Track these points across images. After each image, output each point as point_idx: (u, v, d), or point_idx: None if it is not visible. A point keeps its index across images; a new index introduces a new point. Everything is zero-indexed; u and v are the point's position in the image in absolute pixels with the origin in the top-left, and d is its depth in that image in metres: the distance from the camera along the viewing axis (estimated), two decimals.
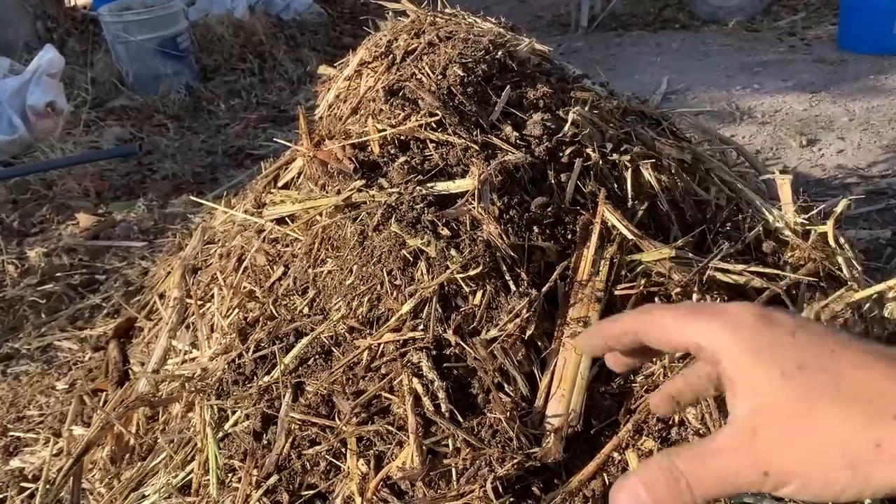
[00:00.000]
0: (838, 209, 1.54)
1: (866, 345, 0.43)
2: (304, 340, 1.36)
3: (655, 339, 0.50)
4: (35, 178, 3.50)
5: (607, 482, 1.12)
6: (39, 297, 2.57)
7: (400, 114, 1.57)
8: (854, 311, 1.38)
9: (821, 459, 0.41)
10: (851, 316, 1.36)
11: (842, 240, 1.56)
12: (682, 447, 0.46)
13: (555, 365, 1.23)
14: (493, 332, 1.24)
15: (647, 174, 1.57)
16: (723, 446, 0.44)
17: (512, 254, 1.31)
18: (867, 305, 1.45)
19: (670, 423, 1.18)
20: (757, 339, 0.44)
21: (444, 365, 1.23)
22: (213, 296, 1.78)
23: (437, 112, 1.52)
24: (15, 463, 1.80)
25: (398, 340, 1.25)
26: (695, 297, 1.31)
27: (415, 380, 1.20)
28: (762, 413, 0.43)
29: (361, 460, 1.18)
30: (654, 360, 1.25)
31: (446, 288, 1.28)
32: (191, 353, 1.72)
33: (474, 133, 1.51)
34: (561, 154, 1.52)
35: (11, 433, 1.92)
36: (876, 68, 4.14)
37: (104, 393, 1.90)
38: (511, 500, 1.10)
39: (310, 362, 1.34)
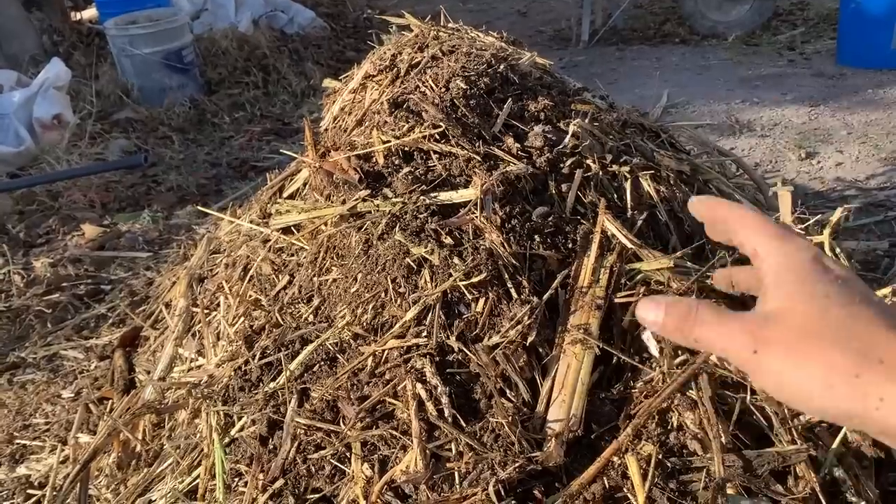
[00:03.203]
0: (834, 218, 1.56)
1: (884, 306, 0.49)
2: (310, 347, 1.39)
3: (733, 232, 0.61)
4: (41, 189, 3.54)
5: (607, 485, 1.14)
6: (45, 306, 2.60)
7: (404, 125, 1.60)
8: None
9: (807, 369, 0.48)
10: None
11: (839, 250, 1.58)
12: (710, 303, 0.56)
13: (556, 371, 1.25)
14: (496, 339, 1.26)
15: (647, 185, 1.60)
16: (737, 317, 0.53)
17: (514, 262, 1.34)
18: None
19: (669, 427, 1.20)
20: (804, 275, 0.51)
21: (447, 371, 1.25)
22: (218, 304, 1.81)
23: (441, 124, 1.55)
24: (21, 470, 1.82)
25: (402, 347, 1.27)
26: None
27: (418, 385, 1.22)
28: (780, 313, 0.50)
29: (366, 464, 1.20)
30: (654, 366, 1.27)
31: (449, 295, 1.30)
32: (197, 360, 1.74)
33: (477, 144, 1.54)
34: (562, 165, 1.55)
35: (18, 441, 1.94)
36: (874, 82, 4.18)
37: (109, 401, 1.92)
38: (513, 503, 1.12)
39: (315, 368, 1.36)
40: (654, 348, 1.30)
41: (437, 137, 1.56)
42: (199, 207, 2.54)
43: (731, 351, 0.53)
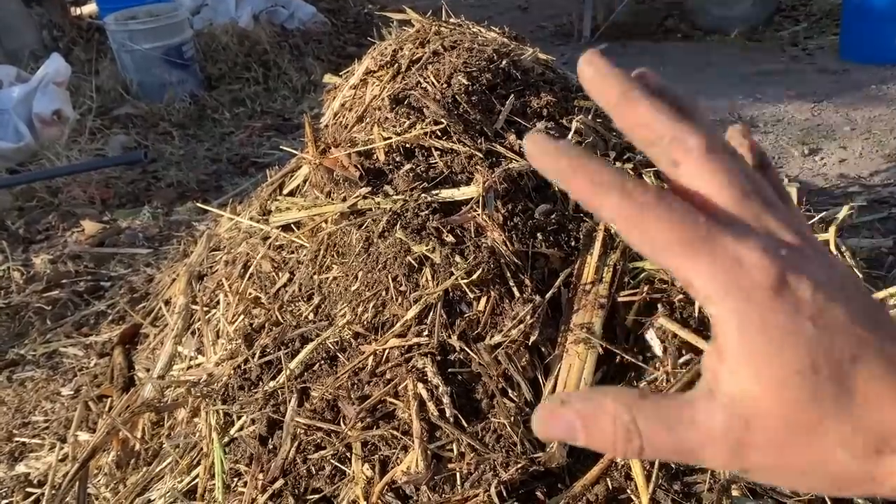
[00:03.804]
0: (840, 216, 1.54)
1: (882, 347, 0.35)
2: (310, 346, 1.37)
3: (644, 247, 0.36)
4: (41, 185, 3.52)
5: (610, 487, 1.13)
6: (45, 303, 2.58)
7: (405, 122, 1.58)
8: None
9: (810, 476, 0.36)
10: None
11: (843, 248, 1.57)
12: (648, 404, 0.37)
13: (558, 370, 1.24)
14: (498, 338, 1.25)
15: (650, 181, 1.58)
16: (702, 423, 0.36)
17: (516, 260, 1.32)
18: None
19: None
20: (773, 317, 0.34)
21: (449, 370, 1.24)
22: (218, 302, 1.79)
23: (442, 120, 1.54)
24: (20, 468, 1.81)
25: (403, 346, 1.26)
26: (697, 304, 1.32)
27: (419, 385, 1.21)
28: (759, 406, 0.35)
29: (366, 465, 1.19)
30: (658, 365, 1.26)
31: (451, 294, 1.29)
32: (196, 358, 1.73)
33: (479, 141, 1.53)
34: None
35: (17, 439, 1.93)
36: (878, 78, 4.16)
37: (109, 399, 1.91)
38: None
39: (315, 367, 1.35)
40: (657, 348, 1.29)
41: (439, 134, 1.54)
42: (199, 204, 2.53)
43: (709, 465, 0.37)
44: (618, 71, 0.40)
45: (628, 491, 1.12)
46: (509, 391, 1.22)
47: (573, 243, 1.41)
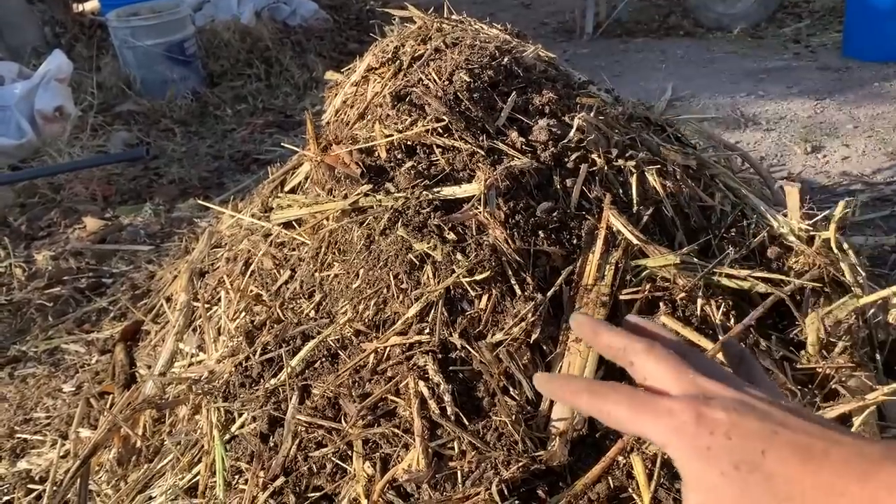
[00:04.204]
0: (838, 212, 1.54)
1: (792, 436, 0.48)
2: (311, 343, 1.37)
3: (611, 424, 0.55)
4: (43, 181, 3.52)
5: (612, 485, 1.12)
6: (47, 300, 2.58)
7: (407, 119, 1.58)
8: (858, 317, 1.38)
9: None
10: (856, 321, 1.37)
11: (846, 245, 1.56)
12: None
13: (560, 369, 1.24)
14: (499, 336, 1.24)
15: (653, 180, 1.58)
16: None
17: (517, 258, 1.32)
18: (871, 311, 1.45)
19: None
20: (698, 441, 0.49)
21: (450, 368, 1.23)
22: (219, 299, 1.79)
23: (444, 117, 1.53)
24: (22, 465, 1.81)
25: (404, 344, 1.26)
26: (699, 301, 1.32)
27: (421, 383, 1.21)
28: (710, 502, 0.49)
29: (367, 463, 1.19)
30: None
31: (452, 292, 1.29)
32: (198, 355, 1.73)
33: (480, 138, 1.52)
34: (566, 159, 1.53)
35: (18, 435, 1.93)
36: (881, 75, 4.15)
37: (110, 396, 1.91)
38: (516, 502, 1.10)
39: (316, 365, 1.34)
40: None
41: (441, 131, 1.54)
42: (201, 201, 2.52)
43: None
44: (590, 318, 0.63)
45: (630, 489, 1.12)
46: (510, 389, 1.22)
47: (575, 241, 1.40)
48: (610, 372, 1.28)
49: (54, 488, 1.58)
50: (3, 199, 3.40)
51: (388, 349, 1.28)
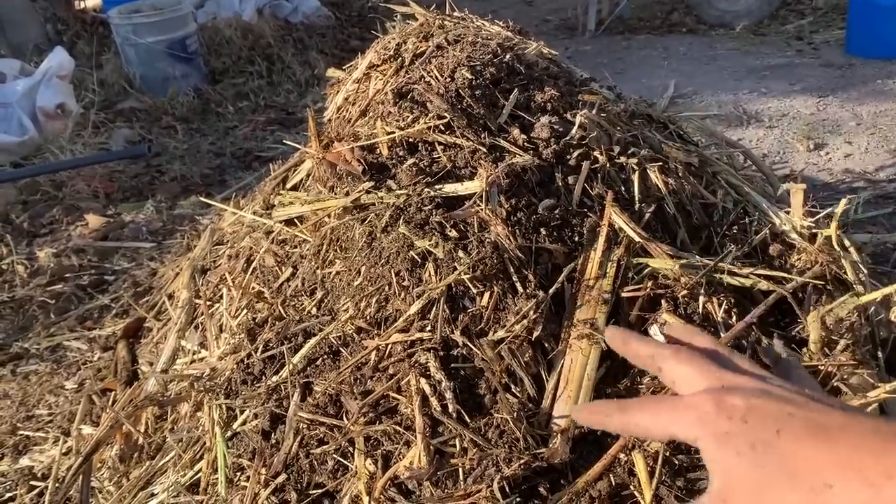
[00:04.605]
0: (839, 209, 1.54)
1: (808, 415, 0.51)
2: (313, 341, 1.37)
3: (640, 437, 0.62)
4: (45, 179, 3.53)
5: (613, 483, 1.12)
6: (49, 297, 2.59)
7: (408, 116, 1.58)
8: (860, 315, 1.38)
9: None
10: (858, 319, 1.36)
11: (847, 242, 1.56)
12: None
13: (562, 366, 1.24)
14: (501, 333, 1.24)
15: (655, 177, 1.57)
16: None
17: (519, 255, 1.32)
18: (873, 309, 1.45)
19: None
20: (717, 427, 0.53)
21: (452, 365, 1.23)
22: (221, 296, 1.79)
23: (446, 114, 1.53)
24: (24, 461, 1.82)
25: (406, 341, 1.26)
26: (701, 299, 1.32)
27: (422, 380, 1.21)
28: (730, 486, 0.52)
29: (369, 460, 1.19)
30: None
31: (454, 289, 1.29)
32: (199, 352, 1.73)
33: (482, 135, 1.52)
34: (568, 157, 1.53)
35: (21, 432, 1.93)
36: (884, 73, 4.14)
37: (113, 392, 1.92)
38: (518, 500, 1.10)
39: (318, 362, 1.34)
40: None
41: (442, 128, 1.53)
42: (202, 199, 2.52)
43: None
44: (621, 330, 0.69)
45: (631, 487, 1.11)
46: (512, 387, 1.22)
47: (577, 238, 1.40)
48: (612, 370, 1.28)
49: (56, 485, 1.58)
50: (5, 196, 3.41)
51: (389, 346, 1.28)
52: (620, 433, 0.62)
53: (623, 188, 1.53)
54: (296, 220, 1.72)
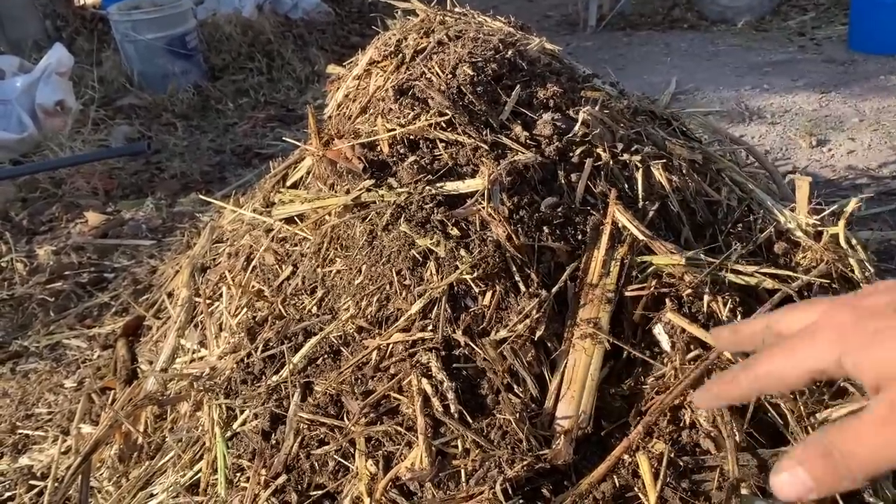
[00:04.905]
0: (848, 209, 1.52)
1: None
2: (313, 340, 1.36)
3: (777, 388, 0.51)
4: (44, 176, 3.51)
5: (617, 484, 1.11)
6: (48, 295, 2.58)
7: (409, 113, 1.56)
8: None
9: None
10: None
11: (854, 241, 1.55)
12: (830, 426, 0.45)
13: (565, 366, 1.22)
14: (503, 333, 1.23)
15: (658, 174, 1.56)
16: (871, 420, 0.43)
17: (521, 254, 1.31)
18: None
19: (681, 425, 1.17)
20: (862, 333, 0.44)
21: (454, 365, 1.22)
22: (221, 295, 1.78)
23: (447, 111, 1.52)
24: (24, 460, 1.81)
25: (407, 340, 1.25)
26: (706, 298, 1.30)
27: (424, 380, 1.20)
28: None
29: (370, 461, 1.18)
30: (666, 361, 1.25)
31: (455, 288, 1.27)
32: (199, 351, 1.72)
33: (484, 133, 1.51)
34: (571, 154, 1.52)
35: (20, 431, 1.92)
36: (887, 69, 4.12)
37: (112, 391, 1.90)
38: (520, 501, 1.09)
39: (318, 362, 1.33)
40: (666, 343, 1.27)
41: (444, 125, 1.52)
42: (202, 196, 2.51)
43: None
44: (724, 326, 0.63)
45: (636, 489, 1.10)
46: (515, 387, 1.20)
47: (580, 237, 1.39)
48: (615, 370, 1.27)
49: (56, 484, 1.57)
50: (4, 193, 3.39)
51: (390, 346, 1.27)
52: (752, 396, 0.55)
53: (626, 186, 1.52)
54: (296, 218, 1.71)
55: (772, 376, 0.50)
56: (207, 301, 1.79)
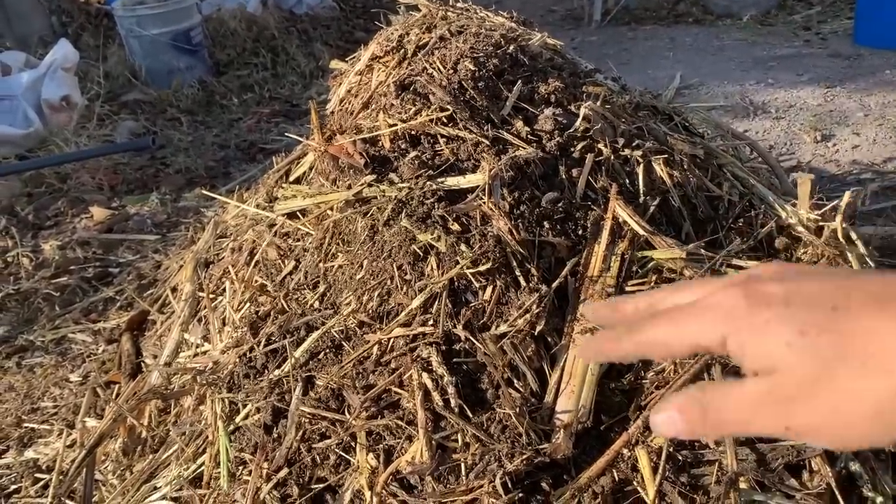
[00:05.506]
0: (843, 202, 1.52)
1: (865, 286, 0.43)
2: (315, 334, 1.37)
3: (660, 355, 0.51)
4: (50, 171, 3.53)
5: (616, 478, 1.12)
6: (54, 289, 2.59)
7: (411, 108, 1.56)
8: None
9: (846, 415, 0.42)
10: None
11: (853, 235, 1.55)
12: (712, 384, 0.49)
13: (565, 361, 1.23)
14: (503, 328, 1.23)
15: (659, 169, 1.56)
16: (749, 394, 0.45)
17: (522, 249, 1.31)
18: None
19: None
20: (754, 319, 0.45)
21: (454, 360, 1.23)
22: (224, 289, 1.79)
23: (448, 107, 1.52)
24: (29, 454, 1.82)
25: (408, 335, 1.25)
26: None
27: (424, 374, 1.20)
28: (778, 377, 0.44)
29: (371, 454, 1.19)
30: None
31: (456, 283, 1.28)
32: (203, 346, 1.73)
33: (485, 128, 1.51)
34: (572, 149, 1.52)
35: (26, 424, 1.94)
36: (892, 63, 4.10)
37: (117, 385, 1.92)
38: (520, 495, 1.10)
39: (320, 356, 1.34)
40: None
41: (445, 121, 1.52)
42: (205, 192, 2.52)
43: (764, 433, 0.47)
44: (601, 302, 0.62)
45: (635, 483, 1.11)
46: (515, 381, 1.21)
47: (580, 232, 1.39)
48: (616, 365, 1.27)
49: (61, 478, 1.58)
50: (10, 188, 3.41)
51: (391, 340, 1.28)
52: (633, 358, 0.52)
53: (627, 181, 1.52)
54: (298, 213, 1.71)
55: (656, 343, 0.50)
56: (211, 296, 1.80)
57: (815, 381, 0.42)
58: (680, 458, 1.12)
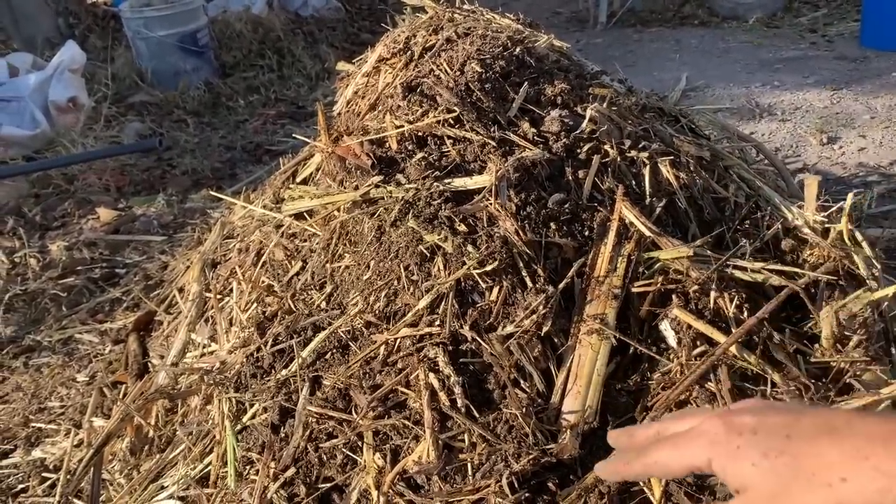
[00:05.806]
0: (847, 204, 1.52)
1: (814, 417, 0.54)
2: (322, 335, 1.37)
3: (661, 475, 0.67)
4: (57, 172, 3.54)
5: None
6: (61, 290, 2.60)
7: (418, 110, 1.57)
8: (873, 311, 1.37)
9: None
10: (871, 315, 1.35)
11: (859, 237, 1.54)
12: None
13: (571, 361, 1.23)
14: (510, 328, 1.24)
15: (666, 171, 1.56)
16: None
17: (529, 250, 1.31)
18: (886, 304, 1.43)
19: None
20: (729, 445, 0.55)
21: (461, 360, 1.23)
22: (231, 290, 1.80)
23: (455, 108, 1.52)
24: (37, 453, 1.83)
25: (415, 335, 1.26)
26: (713, 294, 1.31)
27: (431, 375, 1.21)
28: (748, 494, 0.54)
29: (378, 454, 1.19)
30: (672, 357, 1.25)
31: (463, 284, 1.28)
32: (210, 346, 1.73)
33: (492, 129, 1.51)
34: (578, 151, 1.52)
35: (33, 424, 1.95)
36: None
37: (124, 385, 1.93)
38: (526, 495, 1.10)
39: (327, 356, 1.35)
40: (672, 339, 1.27)
41: (452, 122, 1.53)
42: (212, 193, 2.53)
43: None
44: (620, 430, 0.72)
45: (641, 483, 1.11)
46: (521, 382, 1.21)
47: (587, 233, 1.39)
48: (622, 366, 1.28)
49: (68, 477, 1.59)
50: (17, 189, 3.42)
51: (398, 341, 1.28)
52: (641, 478, 0.70)
53: (634, 182, 1.52)
54: (305, 214, 1.72)
55: (658, 465, 0.61)
56: (218, 296, 1.80)
57: (775, 496, 0.52)
58: None
